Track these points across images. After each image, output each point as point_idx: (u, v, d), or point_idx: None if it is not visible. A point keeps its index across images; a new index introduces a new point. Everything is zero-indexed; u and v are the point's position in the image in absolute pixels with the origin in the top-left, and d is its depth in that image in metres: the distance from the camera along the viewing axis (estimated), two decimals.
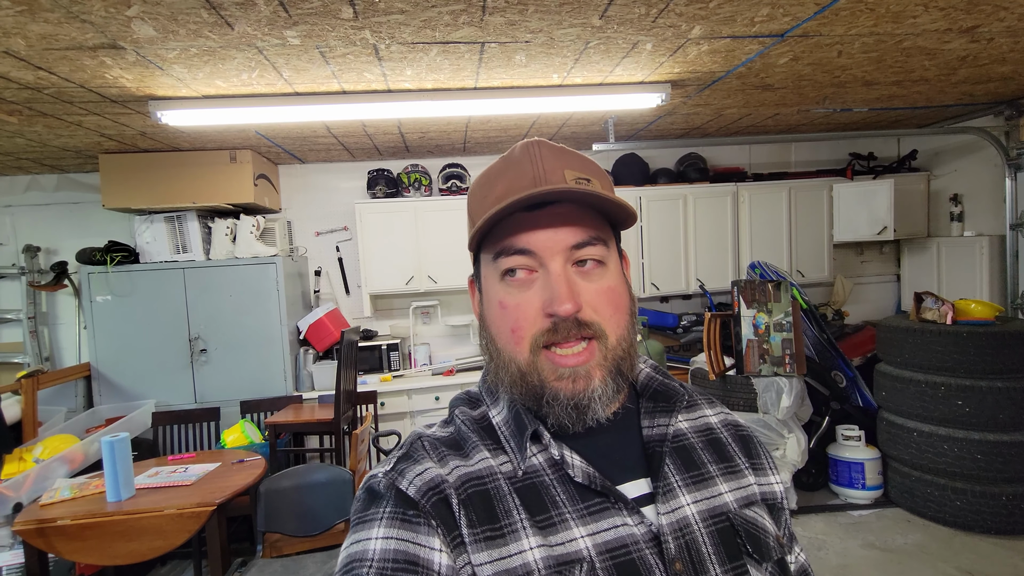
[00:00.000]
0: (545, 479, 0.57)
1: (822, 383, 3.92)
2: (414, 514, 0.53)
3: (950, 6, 2.08)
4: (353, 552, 0.53)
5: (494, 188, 0.59)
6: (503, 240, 0.58)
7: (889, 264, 4.89)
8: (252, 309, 3.66)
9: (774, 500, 0.66)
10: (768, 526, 0.62)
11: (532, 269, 0.57)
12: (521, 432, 0.59)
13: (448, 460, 0.58)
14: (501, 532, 0.53)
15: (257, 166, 3.75)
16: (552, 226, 0.57)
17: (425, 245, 4.03)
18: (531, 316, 0.57)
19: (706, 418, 0.68)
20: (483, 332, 0.62)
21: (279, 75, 2.35)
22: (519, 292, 0.57)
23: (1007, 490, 3.06)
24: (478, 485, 0.56)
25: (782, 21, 2.13)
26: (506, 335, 0.58)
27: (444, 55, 2.24)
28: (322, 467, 2.74)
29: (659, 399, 0.65)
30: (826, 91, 3.19)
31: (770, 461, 0.69)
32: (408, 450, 0.59)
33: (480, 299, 0.64)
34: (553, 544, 0.53)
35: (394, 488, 0.55)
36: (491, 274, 0.60)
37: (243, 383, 3.63)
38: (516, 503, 0.55)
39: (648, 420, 0.64)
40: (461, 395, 0.68)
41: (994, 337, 3.06)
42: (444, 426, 0.64)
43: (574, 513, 0.55)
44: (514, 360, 0.58)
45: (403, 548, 0.51)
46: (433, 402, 3.85)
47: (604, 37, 2.17)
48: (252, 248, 3.69)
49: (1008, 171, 3.81)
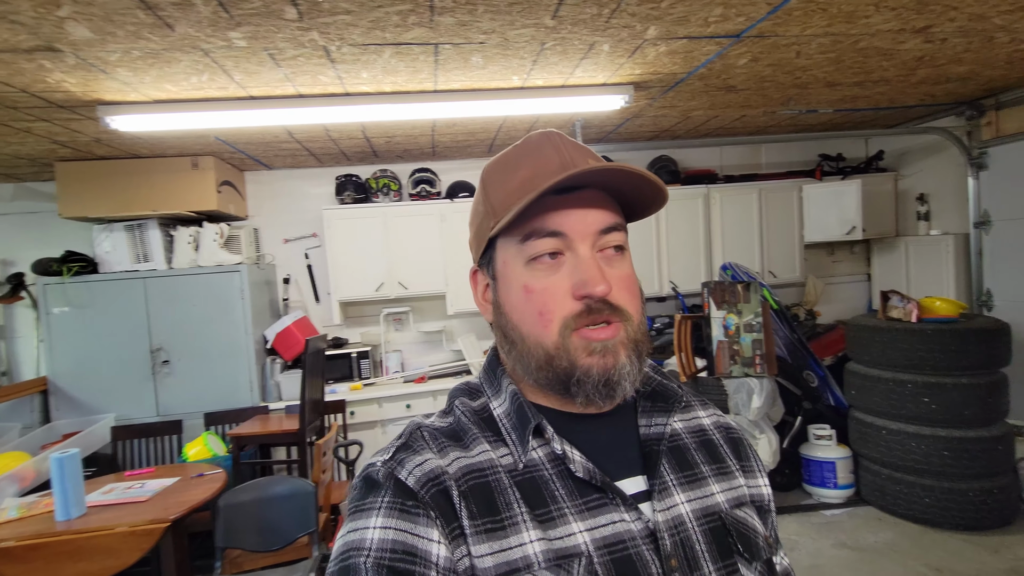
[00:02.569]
0: (544, 473, 0.57)
1: (794, 383, 3.93)
2: (413, 505, 0.53)
3: (901, 6, 2.10)
4: (350, 540, 0.52)
5: (516, 173, 0.59)
6: (531, 223, 0.57)
7: (860, 263, 4.94)
8: (216, 318, 3.58)
9: (761, 502, 0.67)
10: (758, 527, 0.64)
11: (560, 253, 0.57)
12: (523, 425, 0.58)
13: (448, 451, 0.57)
14: (502, 524, 0.53)
15: (221, 173, 3.67)
16: (583, 208, 0.57)
17: (395, 251, 3.98)
18: (559, 299, 0.57)
19: (699, 419, 0.69)
20: (500, 320, 0.62)
21: (230, 78, 2.30)
22: (546, 276, 0.57)
23: (974, 486, 3.07)
24: (479, 477, 0.56)
25: (736, 21, 2.13)
26: (532, 319, 0.58)
27: (398, 57, 2.21)
28: (283, 479, 2.67)
29: (657, 399, 0.65)
30: (789, 92, 3.21)
31: (759, 464, 0.70)
32: (407, 440, 0.59)
33: (493, 287, 0.63)
34: (552, 538, 0.54)
35: (393, 478, 0.55)
36: (514, 258, 0.59)
37: (207, 395, 3.55)
38: (516, 496, 0.55)
39: (645, 419, 0.64)
40: (461, 386, 0.67)
41: (957, 334, 3.08)
42: (443, 416, 0.63)
43: (573, 508, 0.56)
44: (541, 344, 0.57)
45: (401, 538, 0.51)
46: (404, 410, 3.79)
47: (559, 38, 2.15)
48: (216, 256, 3.61)
49: (970, 170, 3.87)
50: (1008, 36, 2.51)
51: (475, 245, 0.65)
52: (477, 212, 0.64)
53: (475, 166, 4.39)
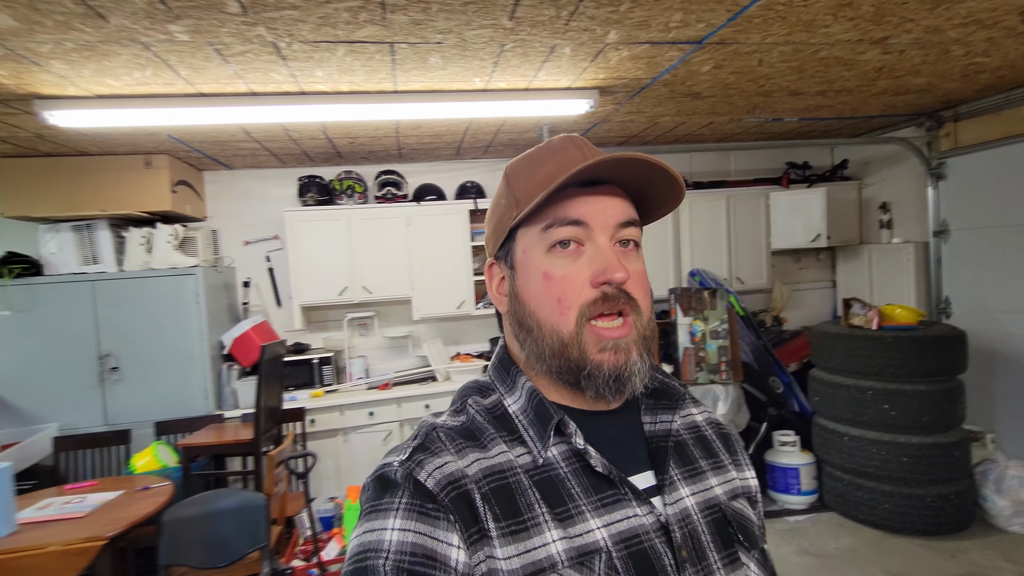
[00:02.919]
0: (560, 472, 0.58)
1: (760, 389, 3.95)
2: (433, 508, 0.52)
3: (859, 16, 2.10)
4: (367, 541, 0.51)
5: (541, 168, 0.61)
6: (554, 211, 0.59)
7: (825, 270, 5.00)
8: (170, 323, 3.44)
9: (750, 493, 0.70)
10: (752, 517, 0.67)
11: (580, 243, 0.59)
12: (542, 422, 0.59)
13: (467, 452, 0.57)
14: (525, 526, 0.54)
15: (176, 172, 3.54)
16: (604, 198, 0.60)
17: (360, 255, 3.88)
18: (578, 287, 0.58)
19: (693, 416, 0.71)
20: (516, 308, 0.63)
21: (176, 74, 2.20)
22: (566, 264, 0.59)
23: (931, 491, 3.11)
24: (499, 479, 0.56)
25: (697, 27, 2.11)
26: (551, 305, 0.59)
27: (353, 55, 2.14)
28: (232, 492, 2.56)
29: (660, 396, 0.67)
30: (754, 100, 3.23)
31: (745, 458, 0.73)
32: (424, 440, 0.58)
33: (511, 277, 0.64)
34: (572, 536, 0.54)
35: (412, 479, 0.54)
36: (535, 246, 0.61)
37: (158, 403, 3.40)
38: (536, 497, 0.56)
39: (650, 416, 0.66)
40: (471, 384, 0.67)
41: (916, 341, 3.12)
42: (455, 415, 0.63)
43: (589, 505, 0.57)
44: (557, 332, 0.59)
45: (421, 542, 0.51)
46: (367, 418, 3.70)
47: (519, 40, 2.10)
48: (170, 258, 3.47)
49: (930, 180, 3.94)
50: (963, 49, 2.54)
51: (493, 239, 0.66)
52: (499, 205, 0.65)
53: (443, 169, 4.32)
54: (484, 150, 4.09)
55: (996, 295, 3.58)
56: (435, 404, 3.79)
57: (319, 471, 3.64)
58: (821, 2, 1.96)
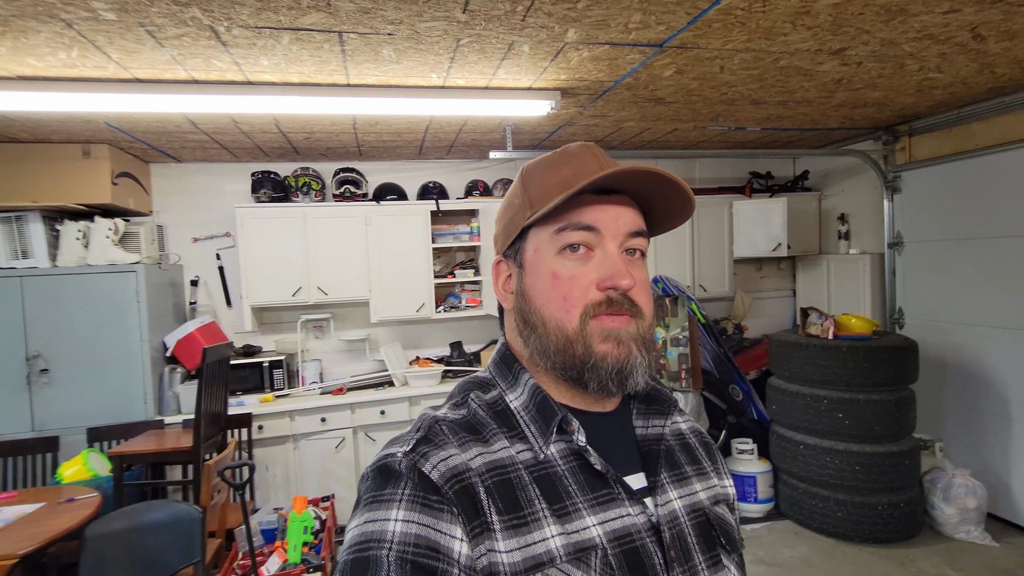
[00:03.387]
0: (558, 469, 0.59)
1: (719, 397, 3.95)
2: (437, 500, 0.53)
3: (816, 25, 2.10)
4: (369, 531, 0.52)
5: (558, 172, 0.63)
6: (568, 215, 0.61)
7: (786, 279, 5.07)
8: (107, 323, 3.24)
9: (728, 500, 0.72)
10: (733, 522, 0.70)
11: (590, 247, 0.61)
12: (544, 419, 0.61)
13: (470, 446, 0.58)
14: (525, 520, 0.55)
15: (118, 163, 3.34)
16: (616, 208, 0.62)
17: (316, 254, 3.74)
18: (583, 288, 0.60)
19: (678, 424, 0.73)
20: (522, 305, 0.65)
21: (107, 57, 2.05)
22: (575, 266, 0.61)
23: (882, 500, 3.15)
24: (501, 474, 0.57)
25: (657, 30, 2.08)
26: (557, 303, 0.61)
27: (299, 44, 2.03)
28: (165, 504, 2.40)
29: (652, 402, 0.70)
30: (717, 108, 3.22)
31: (724, 467, 0.75)
32: (427, 433, 0.58)
33: (518, 275, 0.66)
34: (570, 532, 0.56)
35: (416, 470, 0.54)
36: (546, 246, 0.63)
37: (93, 407, 3.19)
38: (536, 492, 0.57)
39: (641, 420, 0.69)
40: (471, 379, 0.68)
41: (870, 352, 3.16)
42: (455, 408, 0.63)
43: (585, 503, 0.58)
44: (562, 328, 0.61)
45: (424, 533, 0.51)
46: (319, 424, 3.55)
47: (475, 35, 2.03)
48: (109, 254, 3.27)
49: (886, 193, 4.02)
50: (917, 64, 2.58)
51: (503, 237, 0.68)
52: (512, 205, 0.67)
53: (405, 168, 4.22)
54: (447, 150, 4.00)
55: (946, 306, 3.66)
56: (391, 410, 3.68)
57: (266, 479, 3.48)
58: (780, 9, 1.94)
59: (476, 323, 4.35)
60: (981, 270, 3.42)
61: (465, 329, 4.34)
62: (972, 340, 3.50)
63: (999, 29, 2.21)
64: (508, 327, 0.70)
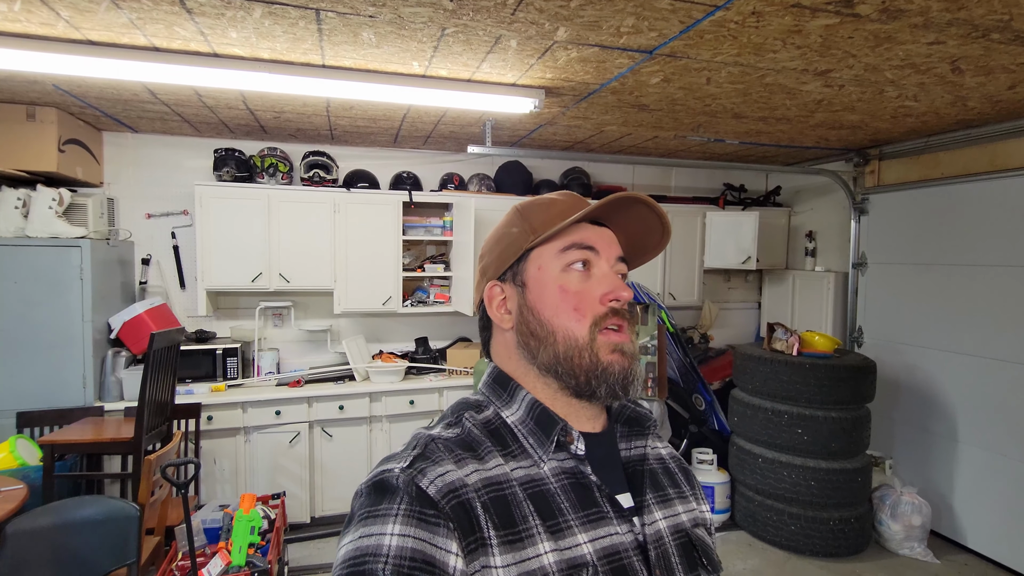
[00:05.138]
0: (551, 487, 0.62)
1: (683, 406, 3.97)
2: (433, 515, 0.54)
3: (806, 45, 2.09)
4: (364, 546, 0.52)
5: (554, 206, 0.71)
6: (571, 237, 0.68)
7: (752, 292, 5.15)
8: (46, 300, 3.01)
9: (706, 524, 0.75)
10: (712, 544, 0.72)
11: (590, 266, 0.68)
12: (544, 429, 0.64)
13: (466, 463, 0.59)
14: (520, 536, 0.56)
15: (66, 129, 3.11)
16: (609, 236, 0.71)
17: (279, 239, 3.57)
18: (590, 301, 0.66)
19: (658, 449, 0.76)
20: (528, 319, 0.68)
21: (55, 14, 1.87)
22: (580, 281, 0.67)
23: (834, 515, 3.22)
24: (497, 491, 0.59)
25: (649, 36, 2.02)
26: (567, 313, 0.66)
27: (272, 19, 1.89)
28: (97, 500, 2.24)
29: (633, 424, 0.74)
30: (699, 119, 3.21)
31: (701, 492, 0.78)
32: (424, 450, 0.60)
33: (520, 294, 0.70)
34: (563, 548, 0.57)
35: (414, 485, 0.55)
36: (550, 264, 0.68)
37: (25, 390, 2.97)
38: (530, 509, 0.59)
39: (625, 442, 0.72)
40: (463, 401, 0.70)
41: (831, 370, 3.21)
42: (449, 428, 0.65)
43: (577, 520, 0.60)
44: (572, 336, 0.65)
45: (420, 548, 0.52)
46: (273, 417, 3.40)
47: (461, 24, 1.93)
48: (51, 227, 3.04)
49: (854, 214, 4.11)
50: (896, 91, 2.61)
51: (496, 263, 0.72)
52: (508, 234, 0.72)
53: (379, 156, 4.07)
54: (424, 140, 3.88)
55: (903, 328, 3.77)
56: (350, 406, 3.55)
57: (213, 473, 3.32)
58: (772, 26, 1.92)
59: (444, 319, 4.26)
60: (939, 295, 3.53)
61: (432, 325, 4.24)
62: (926, 362, 3.61)
63: (977, 64, 2.25)
64: (498, 349, 0.72)
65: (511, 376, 0.70)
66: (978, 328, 3.30)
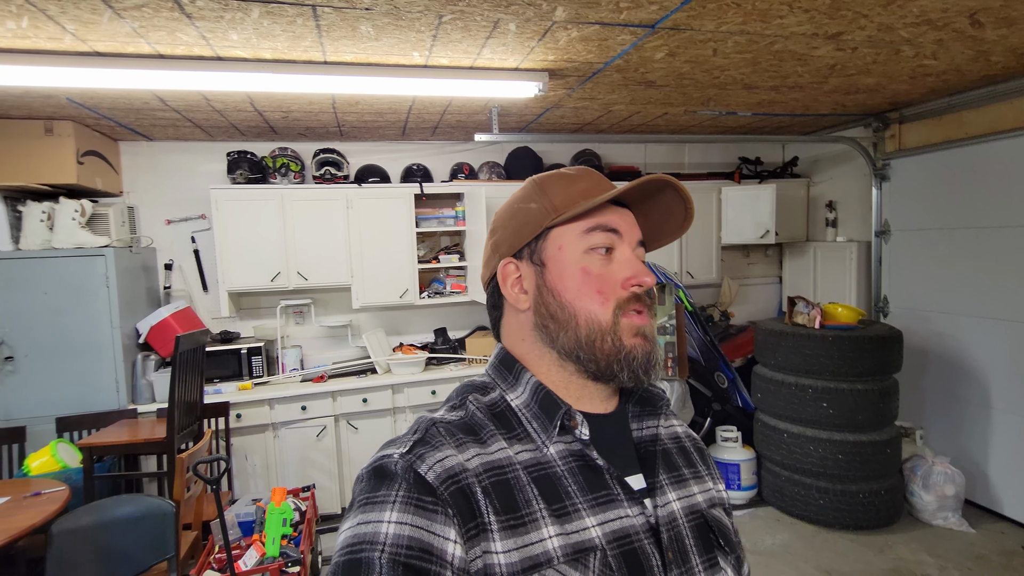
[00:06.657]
0: (558, 470, 0.60)
1: (705, 384, 3.94)
2: (431, 501, 0.53)
3: (814, 8, 2.02)
4: (362, 533, 0.52)
5: (575, 184, 0.69)
6: (595, 218, 0.66)
7: (773, 266, 5.06)
8: (75, 309, 3.11)
9: (724, 504, 0.74)
10: (730, 524, 0.71)
11: (612, 249, 0.66)
12: (547, 413, 0.63)
13: (467, 447, 0.59)
14: (523, 521, 0.55)
15: (83, 141, 3.18)
16: (631, 218, 0.69)
17: (294, 238, 3.62)
18: (613, 284, 0.64)
19: (674, 428, 0.75)
20: (547, 300, 0.66)
21: (61, 28, 1.90)
22: (602, 264, 0.65)
23: (863, 487, 3.17)
24: (499, 475, 0.58)
25: (650, 10, 1.98)
26: (590, 296, 0.64)
27: (270, 18, 1.90)
28: (135, 498, 2.33)
29: (645, 404, 0.72)
30: (709, 92, 3.15)
31: (717, 472, 0.77)
32: (424, 435, 0.59)
33: (538, 273, 0.67)
34: (569, 532, 0.56)
35: (412, 471, 0.55)
36: (572, 244, 0.66)
37: (62, 396, 3.08)
38: (535, 493, 0.58)
39: (637, 423, 0.71)
40: (469, 383, 0.69)
41: (855, 341, 3.15)
42: (452, 411, 0.64)
43: (584, 503, 0.59)
44: (595, 319, 0.63)
45: (418, 535, 0.51)
46: (300, 412, 3.48)
47: (458, 11, 1.92)
48: (75, 237, 3.13)
49: (875, 181, 3.99)
50: (912, 50, 2.52)
51: (511, 239, 0.69)
52: (525, 209, 0.69)
53: (388, 149, 4.09)
54: (431, 131, 3.87)
55: (930, 295, 3.67)
56: (373, 398, 3.61)
57: (245, 469, 3.42)
58: None
59: (461, 309, 4.28)
60: (966, 260, 3.42)
61: (450, 315, 4.27)
62: (955, 329, 3.51)
63: (998, 15, 2.15)
64: (510, 331, 0.70)
65: (518, 358, 0.68)
66: (1009, 291, 3.19)
